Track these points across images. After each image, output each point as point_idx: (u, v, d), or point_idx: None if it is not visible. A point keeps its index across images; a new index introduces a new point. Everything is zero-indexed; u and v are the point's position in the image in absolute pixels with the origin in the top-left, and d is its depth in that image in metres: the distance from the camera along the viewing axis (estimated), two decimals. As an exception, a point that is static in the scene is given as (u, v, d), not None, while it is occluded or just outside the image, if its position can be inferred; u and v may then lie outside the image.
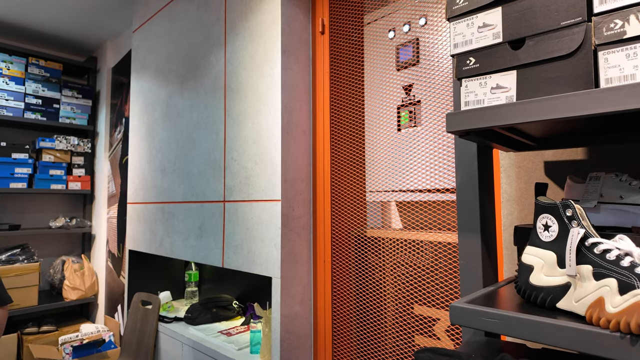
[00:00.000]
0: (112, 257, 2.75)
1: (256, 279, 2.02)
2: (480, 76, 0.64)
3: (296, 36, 1.52)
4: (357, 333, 1.42)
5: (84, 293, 2.79)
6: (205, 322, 1.93)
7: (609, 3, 0.53)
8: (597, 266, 0.52)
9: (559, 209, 0.58)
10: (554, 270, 0.58)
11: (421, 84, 1.31)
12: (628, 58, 0.52)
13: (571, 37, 0.56)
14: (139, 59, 2.35)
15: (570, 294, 0.55)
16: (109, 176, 2.89)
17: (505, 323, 0.56)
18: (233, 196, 1.62)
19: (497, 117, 0.59)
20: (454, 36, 0.67)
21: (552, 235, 0.59)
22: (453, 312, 0.61)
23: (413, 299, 1.27)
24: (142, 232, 2.21)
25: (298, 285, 1.45)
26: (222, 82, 1.72)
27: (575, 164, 0.89)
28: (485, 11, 0.64)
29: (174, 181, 1.98)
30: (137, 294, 2.18)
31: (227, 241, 1.63)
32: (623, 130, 0.76)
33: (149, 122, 2.22)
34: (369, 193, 1.45)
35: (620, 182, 0.68)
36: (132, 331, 2.12)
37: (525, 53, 0.60)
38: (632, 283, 0.47)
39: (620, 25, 0.52)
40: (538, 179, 0.93)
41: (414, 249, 1.28)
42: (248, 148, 1.57)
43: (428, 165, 1.25)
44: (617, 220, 0.67)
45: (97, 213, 3.05)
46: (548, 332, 0.53)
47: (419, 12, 1.32)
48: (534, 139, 0.84)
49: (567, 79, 0.56)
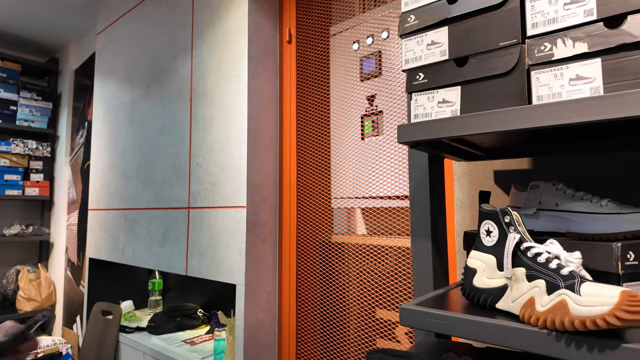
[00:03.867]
0: (71, 265, 2.64)
1: (222, 287, 2.00)
2: (428, 91, 0.68)
3: (263, 45, 1.54)
4: (322, 339, 1.44)
5: (40, 304, 2.66)
6: (169, 331, 1.89)
7: (540, 27, 0.58)
8: (530, 268, 0.56)
9: (499, 215, 0.63)
10: (494, 273, 0.62)
11: (383, 95, 1.35)
12: (556, 78, 0.57)
13: (508, 57, 0.61)
14: (103, 61, 2.29)
15: (507, 295, 0.59)
16: (69, 182, 2.79)
17: (450, 324, 0.60)
18: (198, 203, 1.61)
19: (442, 130, 0.63)
20: (405, 52, 0.71)
21: (493, 240, 0.64)
22: (403, 314, 0.64)
23: (376, 304, 1.30)
24: (103, 240, 2.14)
25: (263, 292, 1.45)
26: (188, 87, 1.71)
27: (522, 173, 0.95)
28: (433, 30, 0.68)
29: (137, 187, 1.94)
30: (98, 304, 2.10)
31: (191, 248, 1.61)
32: (563, 141, 0.82)
33: (112, 126, 2.16)
34: (334, 199, 1.48)
35: (556, 191, 0.73)
36: (91, 343, 2.05)
37: (468, 70, 0.64)
38: (557, 284, 0.51)
39: (549, 48, 0.57)
40: (488, 187, 0.98)
41: (377, 254, 1.31)
42: (214, 154, 1.56)
43: (390, 173, 1.29)
44: (554, 226, 0.73)
45: (56, 220, 2.93)
46: (487, 331, 0.56)
47: (382, 26, 1.37)
48: (483, 150, 0.89)
49: (505, 95, 0.61)
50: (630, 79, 0.51)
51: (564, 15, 0.56)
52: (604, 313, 0.45)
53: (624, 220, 0.63)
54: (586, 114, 0.52)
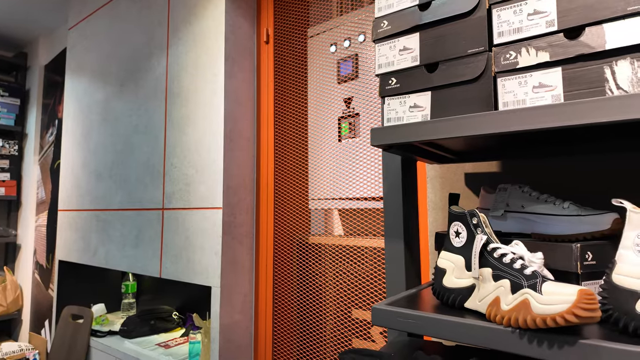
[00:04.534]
0: (40, 268, 2.55)
1: (197, 289, 1.97)
2: (400, 95, 0.69)
3: (240, 44, 1.53)
4: (298, 340, 1.44)
5: (6, 309, 2.55)
6: (143, 334, 1.85)
7: (505, 36, 0.61)
8: (496, 269, 0.58)
9: (467, 217, 0.65)
10: (462, 273, 0.64)
11: (360, 98, 1.37)
12: (520, 85, 0.59)
13: (476, 64, 0.63)
14: (75, 58, 2.23)
15: (475, 295, 0.61)
16: (38, 181, 2.69)
17: (420, 323, 0.61)
18: (172, 203, 1.58)
19: (413, 134, 0.65)
20: (379, 57, 0.72)
21: (462, 241, 0.65)
22: (374, 313, 0.65)
23: (352, 304, 1.31)
24: (74, 241, 2.08)
25: (239, 293, 1.44)
26: (163, 85, 1.68)
27: (492, 175, 0.98)
28: (405, 36, 0.70)
29: (110, 187, 1.89)
30: (68, 308, 2.04)
31: (165, 250, 1.59)
32: (530, 145, 0.86)
33: (84, 124, 2.10)
34: (311, 201, 1.48)
35: (522, 193, 0.76)
36: (60, 348, 1.98)
37: (438, 76, 0.66)
38: (521, 283, 0.54)
39: (514, 56, 0.60)
40: (459, 189, 1.01)
41: (354, 254, 1.32)
42: (189, 154, 1.54)
43: (365, 175, 1.31)
44: (520, 227, 0.76)
45: (23, 221, 2.82)
46: (455, 329, 0.58)
47: (359, 29, 1.39)
48: (454, 153, 0.92)
49: (473, 100, 0.63)
50: (585, 87, 0.54)
51: (528, 25, 0.59)
52: (563, 311, 0.47)
53: (584, 222, 0.67)
54: (547, 121, 0.55)
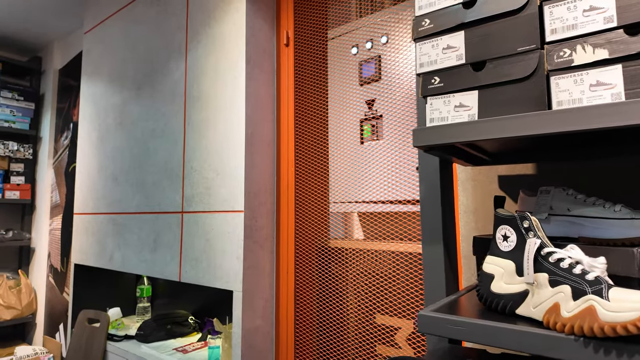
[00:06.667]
0: (54, 272, 2.55)
1: (213, 293, 1.96)
2: (444, 95, 0.68)
3: (261, 47, 1.52)
4: (320, 345, 1.42)
5: (20, 312, 2.55)
6: (159, 339, 1.83)
7: (559, 33, 0.59)
8: (553, 274, 0.56)
9: (517, 220, 0.62)
10: (513, 278, 0.62)
11: (383, 99, 1.35)
12: (576, 83, 0.57)
13: (526, 62, 0.61)
14: (90, 62, 2.23)
15: (528, 301, 0.59)
16: (52, 185, 2.69)
17: (471, 330, 0.59)
18: (192, 207, 1.57)
19: (460, 134, 0.63)
20: (420, 56, 0.70)
21: (511, 245, 0.63)
22: (421, 320, 0.63)
23: (375, 309, 1.29)
24: (90, 245, 2.07)
25: (260, 298, 1.43)
26: (182, 89, 1.68)
27: (526, 178, 0.96)
28: (449, 34, 0.68)
29: (126, 191, 1.89)
30: (84, 312, 2.03)
31: (185, 254, 1.57)
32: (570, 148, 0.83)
33: (100, 128, 2.10)
34: (332, 204, 1.46)
35: (567, 196, 0.74)
36: (76, 352, 1.97)
37: (485, 75, 0.64)
38: (584, 289, 0.51)
39: (568, 54, 0.58)
40: (492, 191, 0.99)
41: (375, 259, 1.30)
42: (209, 157, 1.53)
43: (388, 178, 1.29)
44: (566, 231, 0.73)
45: (37, 224, 2.82)
46: (510, 337, 0.56)
47: (381, 31, 1.37)
48: (489, 154, 0.90)
49: (523, 100, 0.61)
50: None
51: (584, 21, 0.57)
52: (635, 318, 0.45)
53: (636, 226, 0.64)
54: (608, 120, 0.53)
